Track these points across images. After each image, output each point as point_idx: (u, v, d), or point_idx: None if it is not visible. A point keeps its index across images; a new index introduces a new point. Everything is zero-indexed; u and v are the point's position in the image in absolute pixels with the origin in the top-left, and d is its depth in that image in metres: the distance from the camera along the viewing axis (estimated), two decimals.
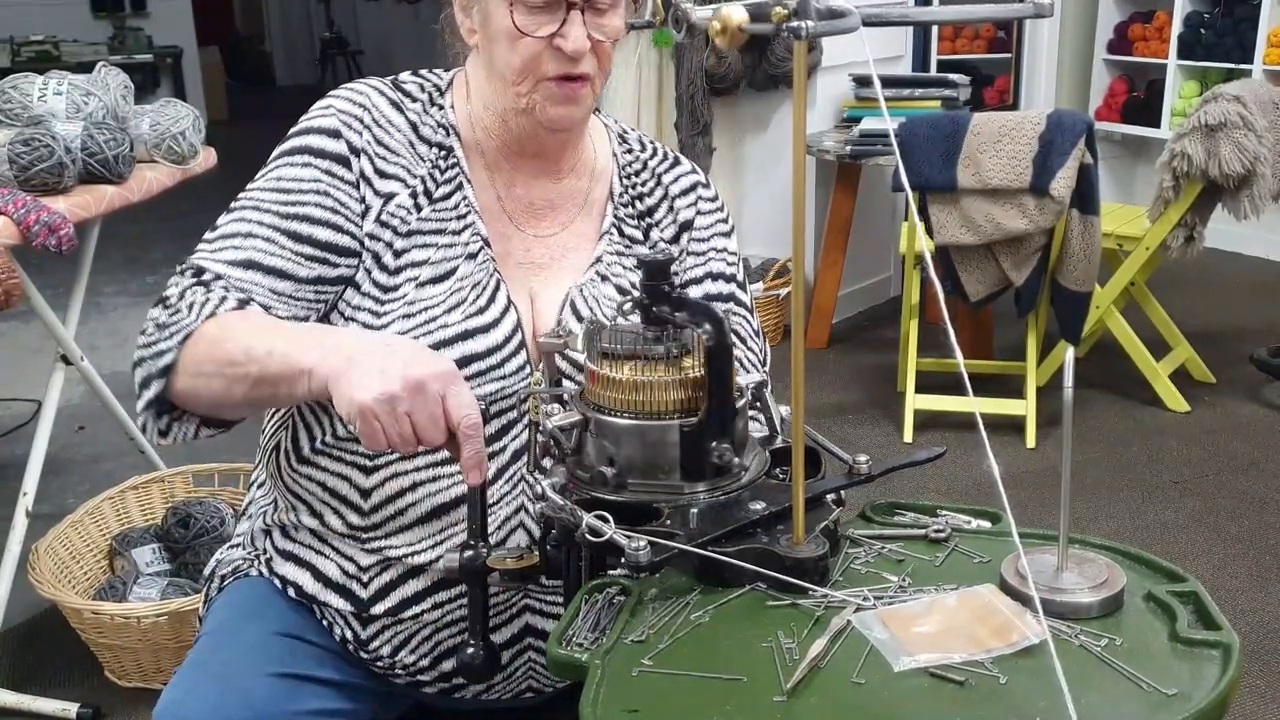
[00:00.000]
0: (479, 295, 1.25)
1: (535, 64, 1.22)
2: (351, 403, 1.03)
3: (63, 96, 2.39)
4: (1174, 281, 4.55)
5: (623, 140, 1.42)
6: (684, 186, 1.41)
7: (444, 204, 1.28)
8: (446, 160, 1.30)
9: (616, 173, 1.38)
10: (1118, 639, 0.90)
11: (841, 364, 4.13)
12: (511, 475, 1.25)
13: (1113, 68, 5.65)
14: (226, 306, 1.17)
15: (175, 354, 1.16)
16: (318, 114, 1.28)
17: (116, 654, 2.33)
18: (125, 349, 4.44)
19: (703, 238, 1.41)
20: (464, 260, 1.26)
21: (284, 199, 1.24)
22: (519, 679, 1.31)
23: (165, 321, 1.18)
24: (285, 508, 1.33)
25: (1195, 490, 3.16)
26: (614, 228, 1.36)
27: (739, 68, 4.22)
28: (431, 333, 1.22)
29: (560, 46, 1.21)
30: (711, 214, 1.42)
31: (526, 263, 1.31)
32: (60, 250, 2.14)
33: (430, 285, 1.24)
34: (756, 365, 1.39)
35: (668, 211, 1.39)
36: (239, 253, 1.22)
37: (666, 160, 1.43)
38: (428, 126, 1.30)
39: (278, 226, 1.23)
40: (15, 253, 2.16)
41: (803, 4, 0.87)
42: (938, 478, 3.15)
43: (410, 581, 1.26)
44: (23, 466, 2.49)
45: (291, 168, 1.25)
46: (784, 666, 0.88)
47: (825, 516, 1.04)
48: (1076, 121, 3.17)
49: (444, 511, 1.24)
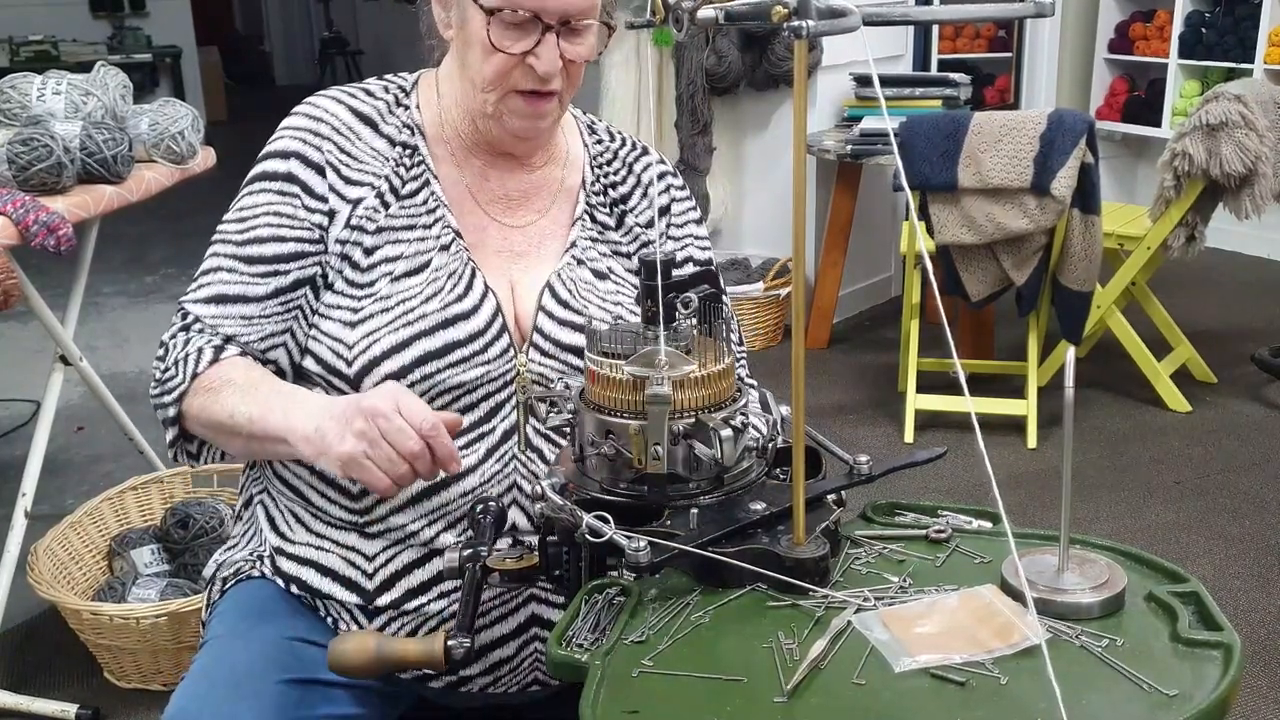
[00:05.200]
0: (455, 284, 1.29)
1: (505, 77, 1.26)
2: (338, 459, 1.14)
3: (61, 96, 2.39)
4: (1175, 281, 4.55)
5: (592, 131, 1.46)
6: (656, 174, 1.45)
7: (411, 200, 1.32)
8: (412, 158, 1.33)
9: (588, 162, 1.42)
10: (1119, 639, 0.89)
11: (842, 364, 4.13)
12: (502, 454, 1.27)
13: (1114, 67, 5.65)
14: (205, 360, 1.27)
15: (177, 409, 1.28)
16: (276, 136, 1.34)
17: (115, 655, 2.33)
18: (124, 349, 4.44)
19: (679, 224, 1.45)
20: (437, 252, 1.30)
21: (240, 227, 1.31)
22: (525, 670, 1.32)
23: (161, 377, 1.30)
24: (282, 501, 1.34)
25: (1196, 490, 3.16)
26: (586, 214, 1.39)
27: (739, 67, 4.21)
28: (411, 323, 1.25)
29: (533, 65, 1.24)
30: (684, 201, 1.47)
31: (505, 250, 1.35)
32: (59, 250, 2.14)
33: (405, 279, 1.28)
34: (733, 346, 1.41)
35: (642, 198, 1.43)
36: (209, 289, 1.31)
37: (635, 150, 1.46)
38: (391, 126, 1.34)
39: (235, 255, 1.31)
40: (14, 253, 2.15)
41: (803, 4, 0.87)
42: (938, 478, 3.15)
43: (416, 572, 1.27)
44: (22, 467, 2.49)
45: (249, 196, 1.33)
46: (784, 667, 0.88)
47: (826, 517, 1.04)
48: (1077, 121, 3.17)
49: (434, 491, 1.26)
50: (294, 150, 1.31)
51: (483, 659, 1.30)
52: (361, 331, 1.26)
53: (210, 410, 1.25)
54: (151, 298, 5.09)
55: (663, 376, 1.01)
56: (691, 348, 1.05)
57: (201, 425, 1.28)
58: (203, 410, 1.26)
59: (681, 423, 1.02)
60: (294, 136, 1.32)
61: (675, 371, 1.02)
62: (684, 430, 1.02)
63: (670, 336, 1.05)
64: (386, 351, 1.24)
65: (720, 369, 1.05)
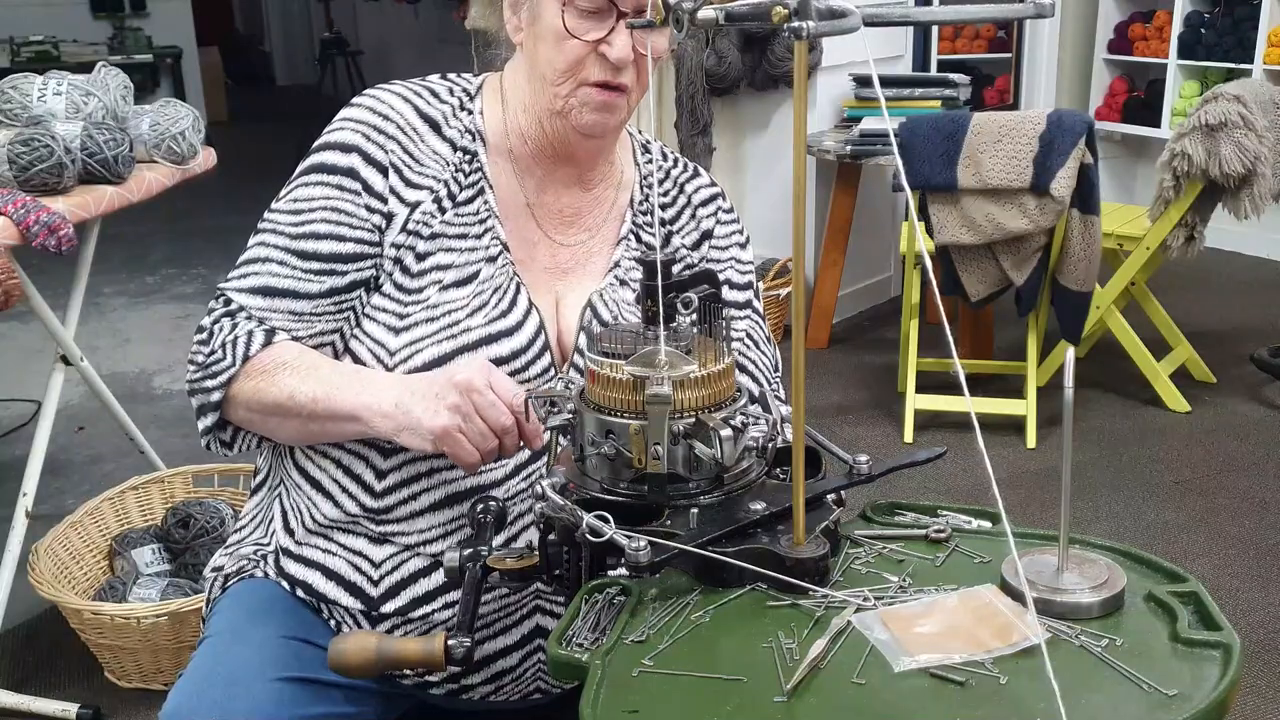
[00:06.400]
0: (500, 299, 1.27)
1: (578, 67, 1.25)
2: (431, 433, 1.14)
3: (62, 97, 2.39)
4: (1174, 281, 4.55)
5: (646, 151, 1.44)
6: (705, 197, 1.45)
7: (466, 208, 1.30)
8: (470, 165, 1.31)
9: (638, 182, 1.41)
10: (1118, 639, 0.89)
11: (842, 364, 4.13)
12: (529, 474, 1.27)
13: (1113, 67, 5.65)
14: (256, 343, 1.24)
15: (222, 394, 1.25)
16: (335, 126, 1.30)
17: (116, 654, 2.33)
18: (125, 349, 4.44)
19: (722, 246, 1.44)
20: (484, 264, 1.28)
21: (295, 220, 1.27)
22: (528, 680, 1.32)
23: (205, 361, 1.26)
24: (294, 496, 1.33)
25: (1196, 490, 3.16)
26: (632, 234, 1.38)
27: (739, 68, 4.22)
28: (455, 336, 1.24)
29: (605, 53, 1.23)
30: (729, 224, 1.46)
31: (552, 267, 1.34)
32: (59, 251, 2.14)
33: (453, 289, 1.27)
34: (767, 369, 1.42)
35: (690, 219, 1.42)
36: (257, 279, 1.27)
37: (688, 171, 1.46)
38: (454, 130, 1.32)
39: (288, 248, 1.27)
40: (15, 253, 2.16)
41: (803, 4, 0.87)
42: (938, 478, 3.15)
43: (421, 580, 1.27)
44: (22, 467, 2.49)
45: (305, 187, 1.28)
46: (784, 667, 0.88)
47: (826, 517, 1.04)
48: (1077, 121, 3.17)
49: (456, 501, 1.26)
50: (356, 145, 1.27)
51: (485, 669, 1.29)
52: (406, 339, 1.25)
53: (265, 393, 1.22)
54: (152, 298, 5.10)
55: (663, 376, 1.01)
56: (691, 348, 1.05)
57: (250, 409, 1.24)
58: (256, 393, 1.23)
59: (681, 423, 1.02)
60: (357, 130, 1.28)
61: (675, 371, 1.02)
62: (684, 430, 1.02)
63: (670, 336, 1.05)
64: (428, 364, 1.23)
65: (720, 369, 1.05)
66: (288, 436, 1.29)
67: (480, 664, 1.29)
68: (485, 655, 1.28)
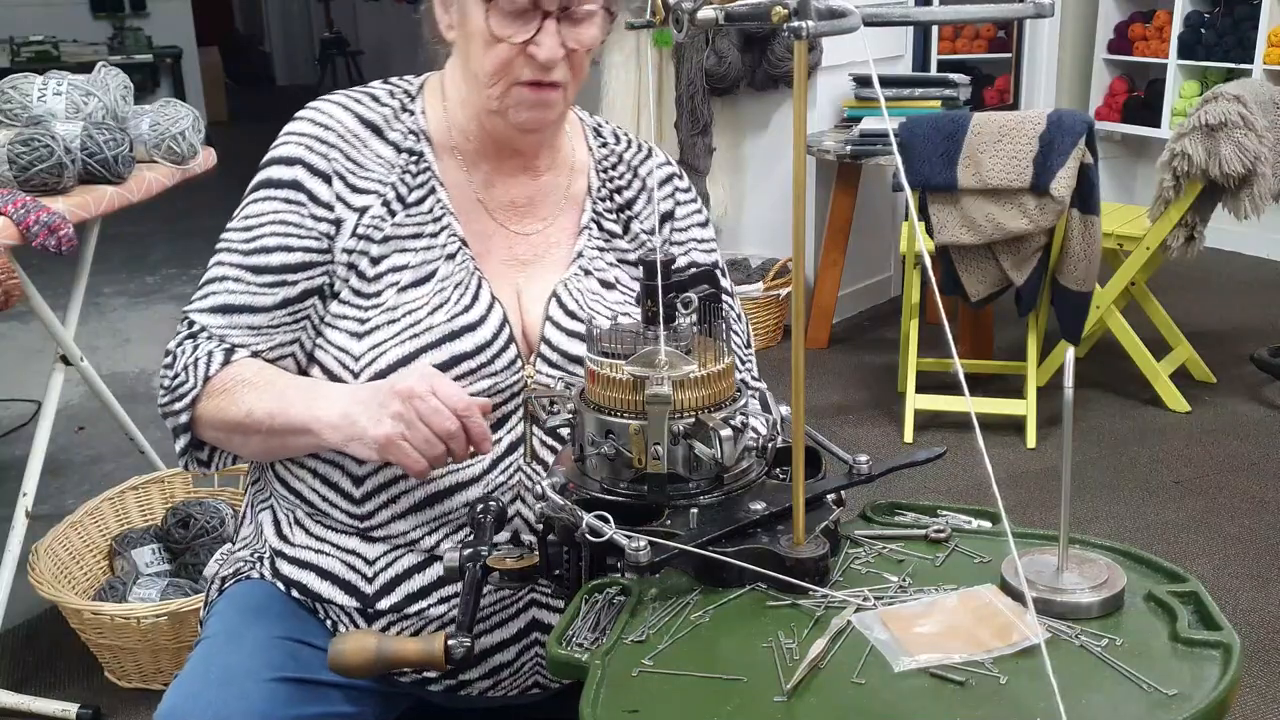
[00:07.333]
0: (461, 295, 1.28)
1: (508, 68, 1.24)
2: (375, 442, 1.14)
3: (62, 97, 2.39)
4: (1174, 281, 4.55)
5: (598, 134, 1.44)
6: (660, 177, 1.44)
7: (417, 208, 1.30)
8: (417, 165, 1.32)
9: (593, 167, 1.41)
10: (1118, 639, 0.90)
11: (842, 364, 4.13)
12: (507, 466, 1.27)
13: (1113, 67, 5.65)
14: (216, 363, 1.26)
15: (189, 415, 1.27)
16: (279, 142, 1.32)
17: (116, 654, 2.33)
18: (125, 349, 4.44)
19: (682, 228, 1.44)
20: (443, 261, 1.29)
21: (246, 236, 1.30)
22: (525, 674, 1.32)
23: (171, 385, 1.28)
24: (284, 505, 1.34)
25: (1196, 490, 3.16)
26: (593, 222, 1.38)
27: (739, 68, 4.22)
28: (417, 335, 1.25)
29: (534, 54, 1.23)
30: (688, 204, 1.45)
31: (510, 259, 1.34)
32: (59, 251, 2.14)
33: (412, 289, 1.27)
34: (740, 347, 1.41)
35: (648, 202, 1.41)
36: (215, 298, 1.30)
37: (641, 151, 1.45)
38: (397, 133, 1.32)
39: (242, 264, 1.29)
40: (15, 253, 2.15)
41: (803, 4, 0.87)
42: (938, 478, 3.15)
43: (415, 576, 1.27)
44: (22, 467, 2.49)
45: (254, 204, 1.31)
46: (784, 667, 0.88)
47: (825, 516, 1.04)
48: (1077, 121, 3.17)
49: (437, 500, 1.26)
50: (299, 157, 1.29)
51: (483, 663, 1.29)
52: (368, 343, 1.25)
53: (225, 411, 1.24)
54: (152, 298, 5.10)
55: (663, 376, 1.01)
56: (691, 348, 1.06)
57: (215, 428, 1.27)
58: (218, 412, 1.25)
59: (681, 423, 1.02)
60: (299, 143, 1.30)
61: (675, 371, 1.02)
62: (684, 430, 1.02)
63: (670, 336, 1.05)
64: (393, 365, 1.23)
65: (720, 369, 1.05)
66: (253, 452, 1.30)
67: (477, 659, 1.29)
68: (482, 649, 1.29)
